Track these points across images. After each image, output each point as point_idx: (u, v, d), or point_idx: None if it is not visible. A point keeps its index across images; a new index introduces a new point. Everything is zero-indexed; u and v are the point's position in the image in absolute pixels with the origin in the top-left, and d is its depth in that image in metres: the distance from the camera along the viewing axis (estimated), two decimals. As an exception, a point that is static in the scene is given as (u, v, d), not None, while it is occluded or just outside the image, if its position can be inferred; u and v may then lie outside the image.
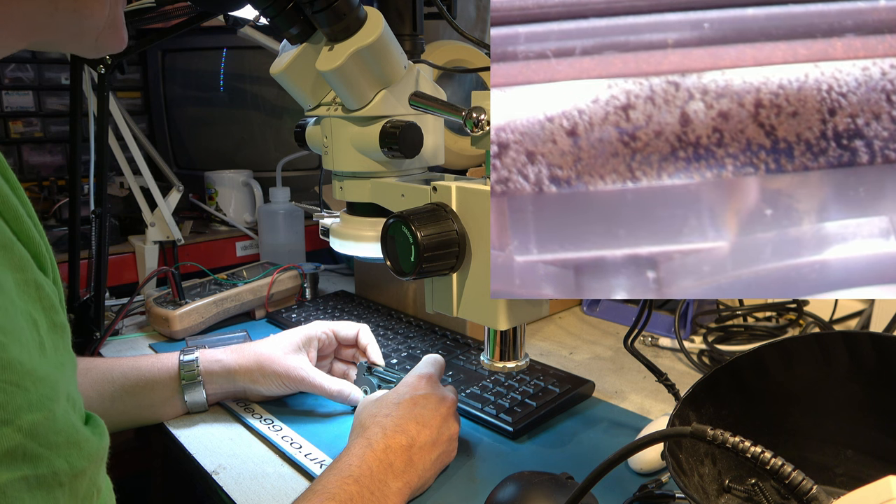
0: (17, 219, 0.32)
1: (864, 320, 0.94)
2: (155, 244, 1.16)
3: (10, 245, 0.31)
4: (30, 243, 0.33)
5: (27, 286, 0.32)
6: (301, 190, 1.36)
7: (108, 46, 0.44)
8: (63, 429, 0.31)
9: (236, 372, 0.74)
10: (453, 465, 0.65)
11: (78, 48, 0.44)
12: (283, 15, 0.59)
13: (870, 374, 0.52)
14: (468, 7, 1.41)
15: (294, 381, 0.73)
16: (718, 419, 0.54)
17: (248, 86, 1.36)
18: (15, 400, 0.28)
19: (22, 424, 0.28)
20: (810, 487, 0.33)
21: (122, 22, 0.44)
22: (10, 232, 0.32)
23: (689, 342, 0.91)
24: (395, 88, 0.62)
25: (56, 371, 0.32)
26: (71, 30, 0.41)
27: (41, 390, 0.30)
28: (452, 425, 0.64)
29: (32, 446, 0.29)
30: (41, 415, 0.29)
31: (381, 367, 0.76)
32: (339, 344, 0.81)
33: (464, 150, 1.04)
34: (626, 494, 0.59)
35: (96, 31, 0.42)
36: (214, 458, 0.67)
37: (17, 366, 0.29)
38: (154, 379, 0.72)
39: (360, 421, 0.63)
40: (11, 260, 0.31)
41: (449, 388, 0.68)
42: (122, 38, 0.44)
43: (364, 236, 0.66)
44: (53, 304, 0.33)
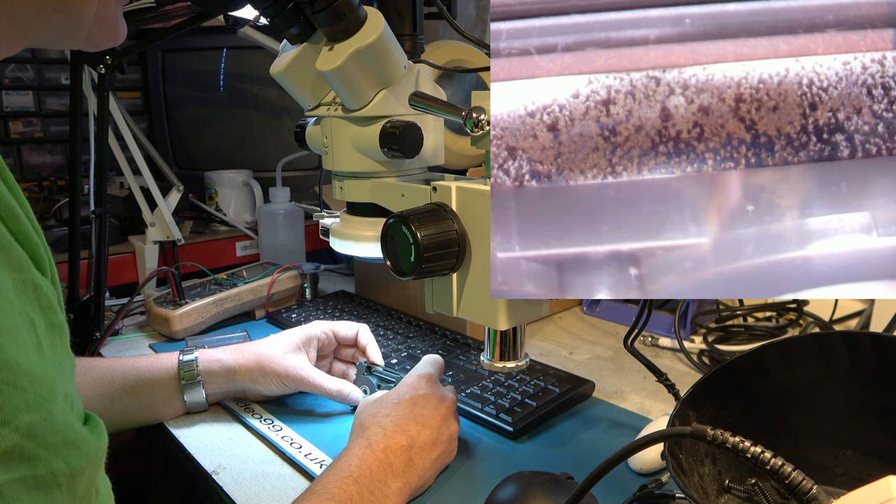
0: (15, 219, 0.32)
1: (864, 320, 0.94)
2: (155, 244, 1.16)
3: (8, 245, 0.31)
4: (27, 243, 0.33)
5: (25, 286, 0.32)
6: (301, 190, 1.36)
7: (102, 41, 0.44)
8: (61, 429, 0.31)
9: (236, 371, 0.74)
10: (453, 465, 0.65)
11: (71, 44, 0.44)
12: (283, 15, 0.59)
13: (870, 374, 0.52)
14: (468, 7, 1.41)
15: (293, 381, 0.73)
16: (718, 419, 0.54)
17: (248, 86, 1.36)
18: (12, 400, 0.28)
19: (19, 425, 0.28)
20: (810, 487, 0.33)
21: (116, 17, 0.44)
22: (8, 232, 0.32)
23: (689, 342, 0.91)
24: (395, 88, 0.62)
25: (54, 371, 0.32)
26: (59, 28, 0.41)
27: (38, 391, 0.30)
28: (452, 425, 0.64)
29: (30, 447, 0.29)
30: (38, 415, 0.29)
31: (380, 367, 0.76)
32: (338, 344, 0.81)
33: (464, 150, 1.04)
34: (626, 494, 0.59)
35: (86, 28, 0.42)
36: (214, 458, 0.67)
37: (14, 366, 0.29)
38: (154, 379, 0.72)
39: (359, 421, 0.63)
40: (9, 260, 0.31)
41: (448, 388, 0.68)
42: (116, 33, 0.44)
43: (364, 236, 0.66)
44: (51, 304, 0.33)
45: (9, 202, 0.32)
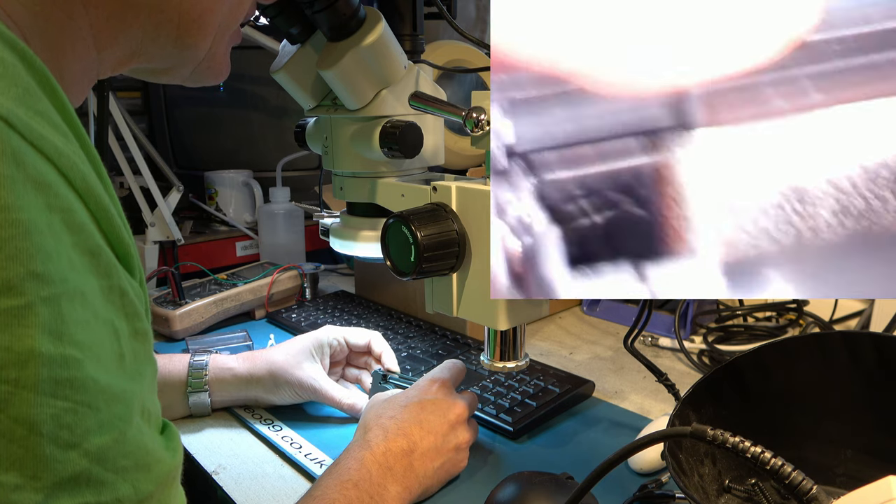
0: (109, 219, 0.31)
1: (864, 320, 0.94)
2: (155, 244, 1.17)
3: (98, 251, 0.30)
4: (119, 244, 0.32)
5: (111, 293, 0.30)
6: (301, 190, 1.36)
7: (204, 79, 0.45)
8: (132, 451, 0.30)
9: (248, 381, 0.73)
10: (453, 465, 0.65)
11: (177, 77, 0.45)
12: (283, 15, 0.59)
13: (870, 374, 0.52)
14: (468, 7, 1.41)
15: (307, 392, 0.72)
16: (718, 419, 0.54)
17: (248, 86, 1.36)
18: (84, 422, 0.27)
19: (89, 448, 0.28)
20: (810, 487, 0.33)
21: (225, 56, 0.45)
22: (101, 235, 0.30)
23: (689, 342, 0.91)
24: (395, 88, 0.62)
25: (133, 383, 0.31)
26: (171, 59, 0.42)
27: (114, 410, 0.29)
28: (462, 434, 0.62)
29: (98, 471, 0.28)
30: (111, 437, 0.28)
31: (396, 374, 0.75)
32: (350, 351, 0.79)
33: (464, 150, 1.04)
34: (626, 494, 0.59)
35: (194, 63, 0.43)
36: (214, 458, 0.67)
37: (90, 385, 0.28)
38: (163, 380, 0.71)
39: (364, 420, 0.62)
40: (98, 266, 0.30)
41: (465, 395, 0.66)
42: (219, 72, 0.46)
43: (364, 236, 0.66)
44: (137, 311, 0.32)
45: (104, 203, 0.31)
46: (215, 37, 0.43)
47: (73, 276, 0.28)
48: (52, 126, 0.29)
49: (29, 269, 0.26)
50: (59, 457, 0.27)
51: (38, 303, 0.26)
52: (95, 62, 0.39)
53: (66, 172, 0.29)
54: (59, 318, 0.27)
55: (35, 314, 0.26)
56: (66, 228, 0.28)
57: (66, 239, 0.28)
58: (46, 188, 0.28)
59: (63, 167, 0.29)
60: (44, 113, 0.29)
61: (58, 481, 0.27)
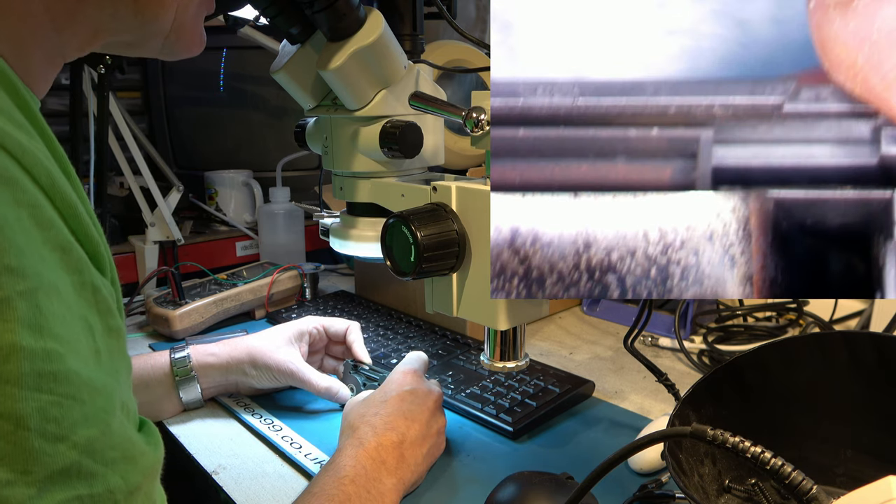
0: (77, 217, 0.31)
1: (864, 320, 0.94)
2: (155, 244, 1.16)
3: (69, 247, 0.30)
4: (88, 242, 0.32)
5: (84, 289, 0.30)
6: (301, 190, 1.36)
7: (176, 52, 0.44)
8: (119, 443, 0.30)
9: (228, 364, 0.74)
10: (454, 466, 0.65)
11: (148, 51, 0.44)
12: (283, 15, 0.59)
13: (870, 374, 0.52)
14: (468, 7, 1.41)
15: (284, 375, 0.74)
16: (718, 419, 0.54)
17: (248, 86, 1.36)
18: (71, 414, 0.27)
19: (78, 440, 0.28)
20: (810, 487, 0.33)
21: (195, 26, 0.44)
22: (69, 232, 0.30)
23: (689, 342, 0.91)
24: (395, 88, 0.62)
25: (111, 379, 0.31)
26: (136, 32, 0.41)
27: (98, 402, 0.29)
28: (440, 418, 0.65)
29: (88, 463, 0.28)
30: (97, 429, 0.29)
31: (366, 366, 0.77)
32: (329, 340, 0.82)
33: (464, 150, 1.04)
34: (626, 494, 0.59)
35: (161, 35, 0.42)
36: (214, 457, 0.67)
37: (73, 377, 0.28)
38: (149, 377, 0.72)
39: (348, 422, 0.63)
40: (69, 263, 0.30)
41: (433, 382, 0.69)
42: (194, 43, 0.45)
43: (364, 236, 0.66)
44: (109, 308, 0.32)
45: (71, 200, 0.31)
46: (178, 6, 0.41)
47: (46, 272, 0.28)
48: (15, 124, 0.29)
49: (3, 263, 0.26)
50: (49, 450, 0.27)
51: (14, 297, 0.26)
52: (58, 45, 0.38)
53: (31, 169, 0.29)
54: (38, 311, 0.27)
55: (13, 308, 0.26)
56: (35, 224, 0.28)
57: (36, 234, 0.28)
58: (13, 183, 0.27)
59: (27, 164, 0.28)
60: (5, 111, 0.29)
61: (49, 475, 0.27)
